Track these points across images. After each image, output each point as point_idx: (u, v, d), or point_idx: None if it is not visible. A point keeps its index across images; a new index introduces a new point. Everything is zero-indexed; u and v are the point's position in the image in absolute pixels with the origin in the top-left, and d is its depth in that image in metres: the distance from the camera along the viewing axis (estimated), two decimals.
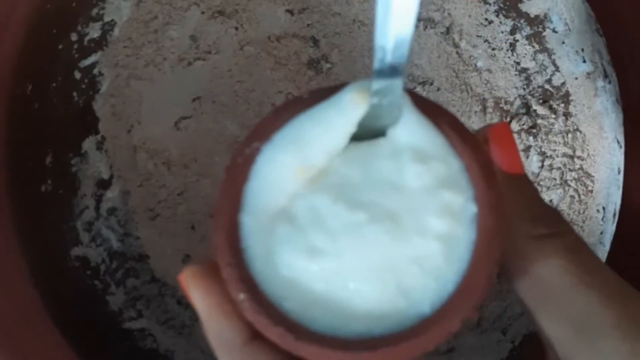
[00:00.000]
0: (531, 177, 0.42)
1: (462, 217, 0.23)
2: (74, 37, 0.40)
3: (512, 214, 0.25)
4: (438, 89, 0.43)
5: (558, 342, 0.25)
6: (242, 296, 0.23)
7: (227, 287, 0.24)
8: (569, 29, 0.40)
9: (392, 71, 0.23)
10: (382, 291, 0.23)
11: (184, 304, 0.43)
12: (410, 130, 0.24)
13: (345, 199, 0.23)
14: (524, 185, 0.26)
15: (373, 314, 0.23)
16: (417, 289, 0.23)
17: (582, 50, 0.40)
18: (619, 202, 0.41)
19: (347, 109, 0.24)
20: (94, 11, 0.41)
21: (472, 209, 0.23)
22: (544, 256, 0.25)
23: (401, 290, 0.23)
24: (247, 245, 0.24)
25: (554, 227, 0.25)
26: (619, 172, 0.41)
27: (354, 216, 0.23)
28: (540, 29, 0.41)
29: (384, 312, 0.23)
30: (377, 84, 0.23)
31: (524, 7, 0.41)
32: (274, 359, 0.24)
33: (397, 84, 0.23)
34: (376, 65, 0.23)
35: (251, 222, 0.24)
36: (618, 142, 0.41)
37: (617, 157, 0.41)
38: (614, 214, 0.41)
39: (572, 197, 0.41)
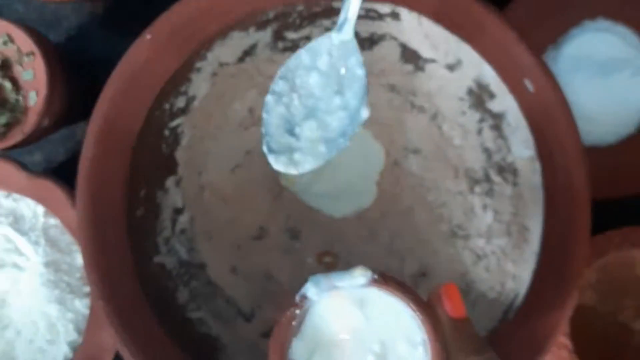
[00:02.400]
0: (485, 228, 0.55)
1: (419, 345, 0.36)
2: (166, 106, 0.54)
3: (454, 346, 0.35)
4: (425, 157, 0.57)
5: None
6: None
7: None
8: (518, 125, 0.54)
9: None
10: None
11: (230, 302, 0.55)
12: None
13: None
14: (465, 325, 0.36)
15: None
16: None
17: (527, 140, 0.52)
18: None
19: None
20: (182, 88, 0.54)
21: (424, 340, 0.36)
22: None
23: None
24: None
25: (483, 354, 0.35)
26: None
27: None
28: (499, 122, 0.53)
29: None
30: None
31: (489, 105, 0.53)
32: None
33: None
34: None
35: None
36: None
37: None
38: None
39: (514, 243, 0.54)
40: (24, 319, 0.55)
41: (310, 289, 0.37)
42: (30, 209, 0.55)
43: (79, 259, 0.55)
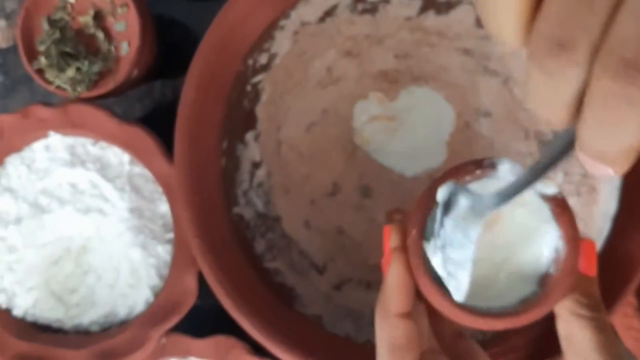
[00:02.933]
0: None
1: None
2: (250, 61, 0.57)
3: (572, 295, 0.36)
4: (495, 121, 0.58)
5: None
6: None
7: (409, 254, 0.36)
8: None
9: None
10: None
11: (304, 255, 0.57)
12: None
13: None
14: (589, 283, 0.37)
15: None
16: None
17: None
18: (614, 208, 0.58)
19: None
20: (265, 45, 0.56)
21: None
22: (580, 329, 0.36)
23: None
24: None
25: (594, 312, 0.36)
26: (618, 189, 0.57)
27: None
28: None
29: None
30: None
31: None
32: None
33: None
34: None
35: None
36: None
37: (616, 178, 0.57)
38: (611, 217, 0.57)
39: (583, 202, 0.56)
40: (105, 264, 0.56)
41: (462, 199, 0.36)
42: (117, 156, 0.56)
43: (162, 207, 0.56)
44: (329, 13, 0.56)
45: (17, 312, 0.56)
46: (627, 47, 0.20)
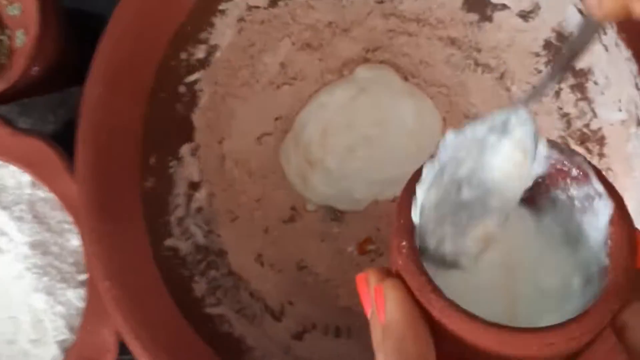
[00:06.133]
0: None
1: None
2: (183, 55, 0.47)
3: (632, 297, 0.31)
4: None
5: None
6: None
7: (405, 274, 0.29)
8: (609, 82, 0.47)
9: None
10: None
11: (255, 297, 0.50)
12: None
13: None
14: None
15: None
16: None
17: (620, 100, 0.47)
18: None
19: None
20: (203, 35, 0.48)
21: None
22: None
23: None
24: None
25: None
26: None
27: None
28: (583, 80, 0.47)
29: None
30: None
31: None
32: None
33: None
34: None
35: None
36: None
37: None
38: None
39: None
40: (2, 314, 0.50)
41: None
42: (14, 177, 0.50)
43: (73, 240, 0.49)
44: None
45: None
46: None
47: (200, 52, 0.48)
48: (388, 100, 0.51)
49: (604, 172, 0.44)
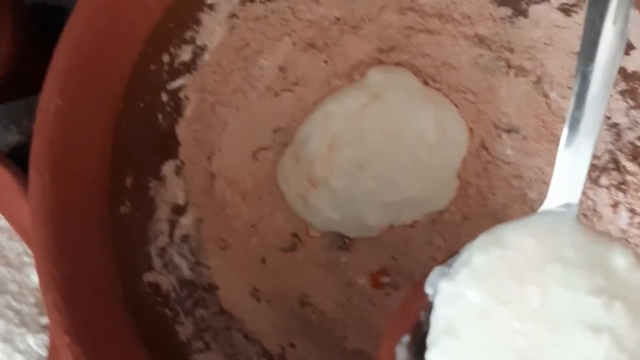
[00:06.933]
0: (619, 234, 0.44)
1: None
2: (165, 58, 0.43)
3: None
4: (524, 138, 0.46)
5: None
6: None
7: None
8: None
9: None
10: None
11: (251, 339, 0.46)
12: None
13: None
14: None
15: None
16: None
17: None
18: None
19: None
20: (188, 34, 0.43)
21: None
22: None
23: None
24: None
25: None
26: None
27: None
28: (636, 85, 0.43)
29: None
30: None
31: (622, 62, 0.43)
32: None
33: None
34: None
35: None
36: None
37: None
38: None
39: None
40: None
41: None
42: None
43: (33, 277, 0.47)
44: None
45: None
46: None
47: (185, 54, 0.43)
48: (405, 108, 0.47)
49: None
